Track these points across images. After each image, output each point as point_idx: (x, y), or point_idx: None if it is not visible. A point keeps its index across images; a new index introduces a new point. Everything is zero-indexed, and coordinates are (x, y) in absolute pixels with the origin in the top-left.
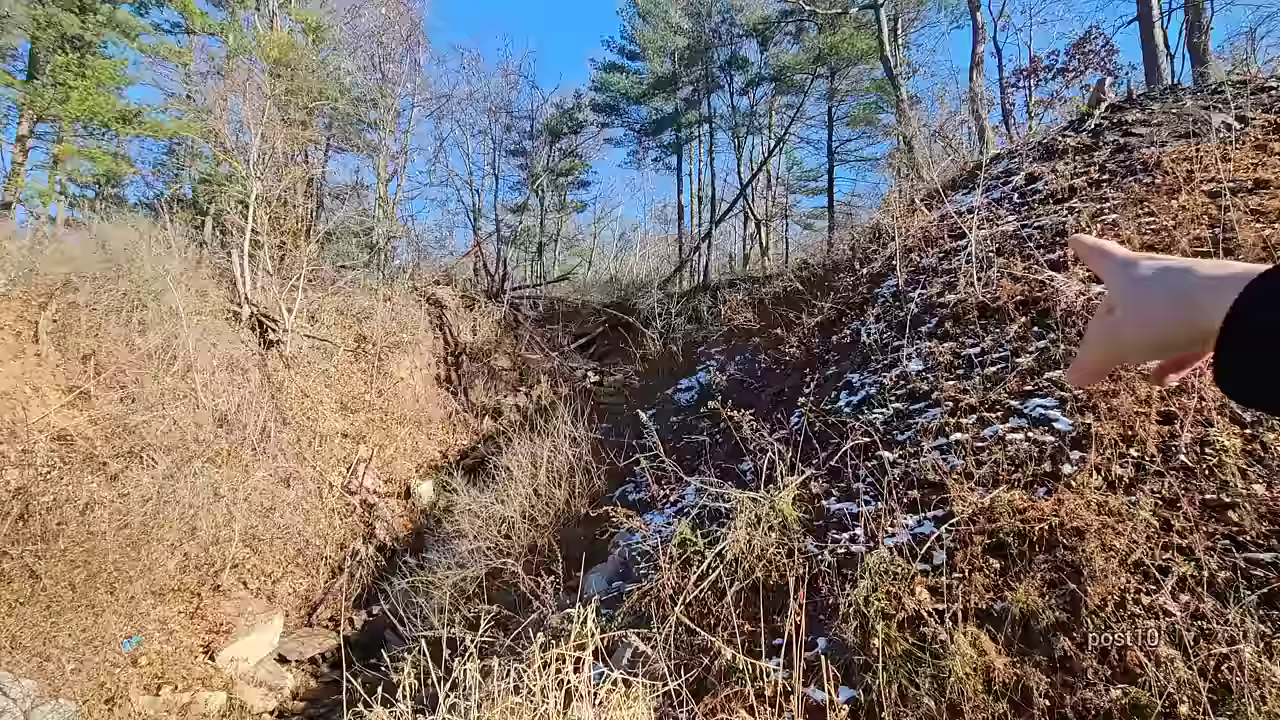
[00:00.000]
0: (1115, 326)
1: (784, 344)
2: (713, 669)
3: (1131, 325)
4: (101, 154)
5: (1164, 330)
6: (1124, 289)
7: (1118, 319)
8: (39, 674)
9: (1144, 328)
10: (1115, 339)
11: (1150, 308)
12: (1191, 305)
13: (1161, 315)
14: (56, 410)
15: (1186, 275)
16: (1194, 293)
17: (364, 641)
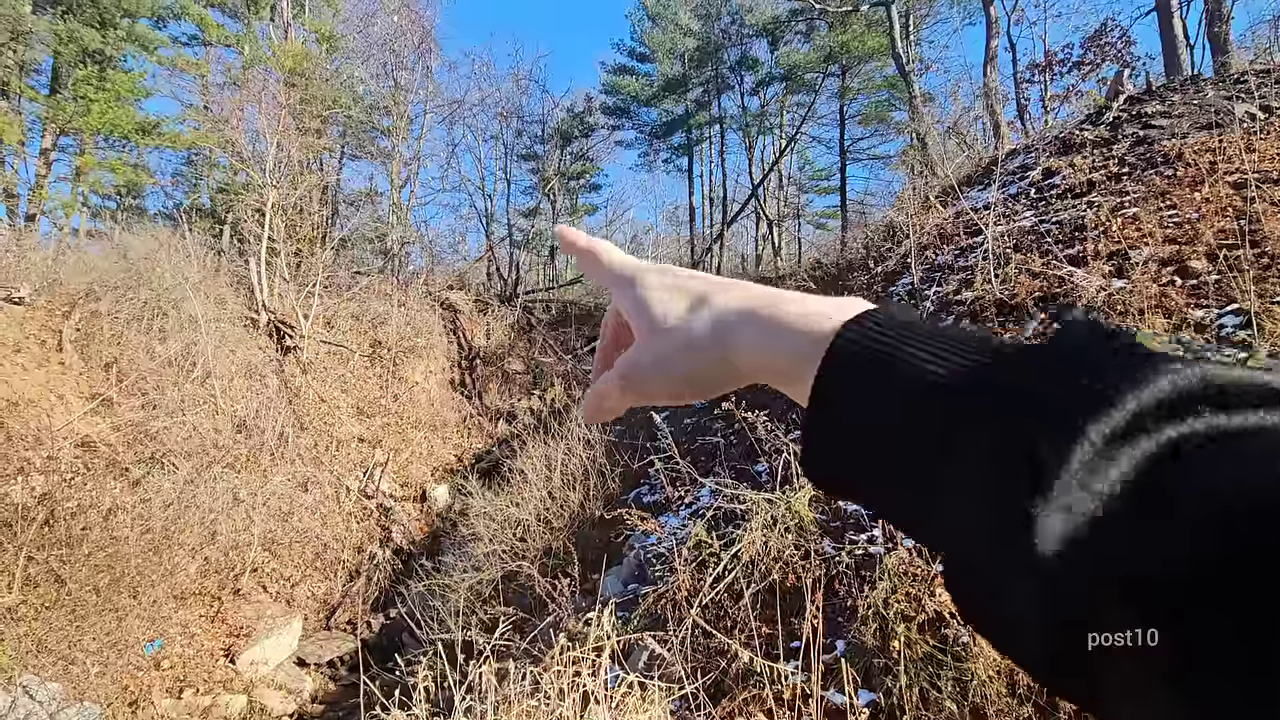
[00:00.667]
0: (644, 363)
1: None
2: (730, 672)
3: (663, 364)
4: (122, 165)
5: (699, 370)
6: (646, 317)
7: (647, 354)
8: (64, 677)
9: (678, 366)
10: (643, 377)
11: (682, 343)
12: (723, 343)
13: (697, 353)
14: (80, 417)
15: (710, 306)
16: (722, 328)
17: (381, 645)
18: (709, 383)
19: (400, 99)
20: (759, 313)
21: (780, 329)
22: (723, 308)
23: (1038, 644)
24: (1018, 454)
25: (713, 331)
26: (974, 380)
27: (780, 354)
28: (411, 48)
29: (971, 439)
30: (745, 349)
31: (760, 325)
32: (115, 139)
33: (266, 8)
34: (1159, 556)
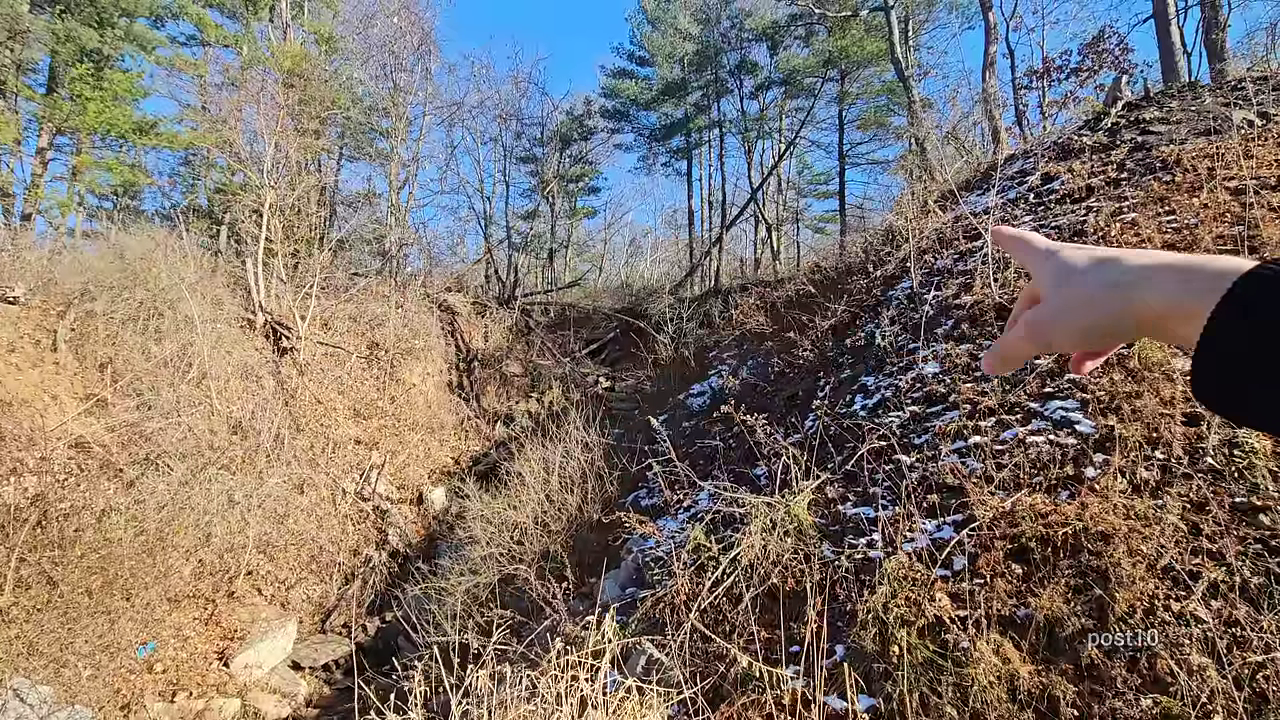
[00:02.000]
0: (1046, 314)
1: (797, 347)
2: (729, 676)
3: (1064, 313)
4: (119, 165)
5: (1097, 319)
6: (1054, 278)
7: (1051, 307)
8: (56, 680)
9: (1077, 316)
10: (1046, 325)
11: (1083, 296)
12: (1124, 295)
13: (1095, 304)
14: (74, 418)
15: (1117, 265)
16: (1127, 282)
17: (377, 648)
18: (1106, 331)
19: (399, 100)
20: (1173, 262)
21: (1191, 270)
22: (1130, 264)
23: None
24: None
25: (1116, 285)
26: None
27: (1195, 290)
28: (411, 49)
29: None
30: (1156, 294)
31: (1176, 270)
32: (112, 138)
33: (265, 8)
34: None
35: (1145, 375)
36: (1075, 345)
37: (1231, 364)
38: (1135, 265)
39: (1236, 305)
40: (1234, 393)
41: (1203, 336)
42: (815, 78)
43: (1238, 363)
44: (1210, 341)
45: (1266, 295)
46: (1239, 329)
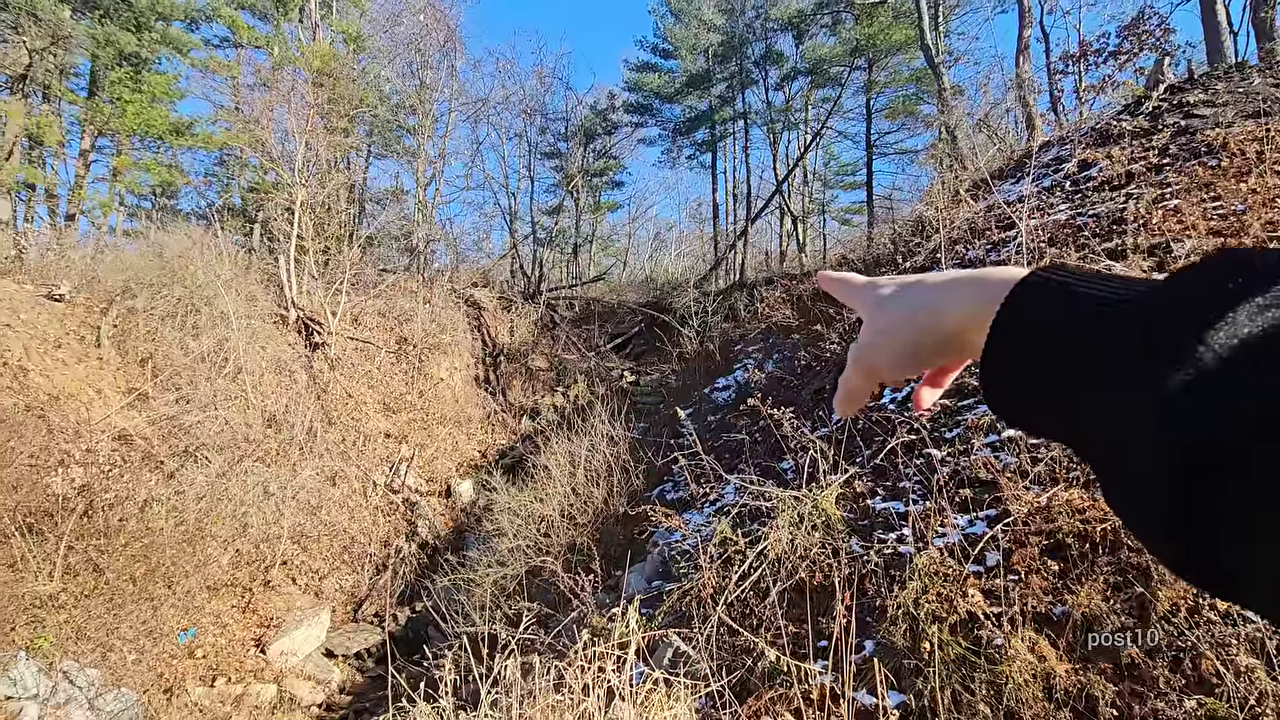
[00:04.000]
0: (865, 343)
1: (824, 340)
2: (756, 670)
3: (880, 338)
4: (157, 166)
5: (909, 339)
6: (869, 310)
7: (867, 336)
8: (102, 664)
9: (891, 339)
10: (867, 354)
11: (894, 319)
12: (929, 312)
13: (905, 325)
14: (117, 411)
15: (920, 284)
16: (929, 299)
17: (408, 637)
18: (921, 351)
19: (425, 98)
20: (970, 274)
21: (982, 280)
22: (932, 282)
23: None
24: (1159, 339)
25: (920, 304)
26: (1133, 296)
27: (985, 299)
28: (436, 47)
29: (1126, 332)
30: (955, 305)
31: (971, 282)
32: (150, 140)
33: (295, 9)
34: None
35: None
36: (899, 369)
37: (1003, 371)
38: (936, 282)
39: (1010, 313)
40: (1006, 399)
41: (985, 345)
42: (842, 67)
43: (1008, 370)
44: (989, 350)
45: (1033, 302)
46: (1008, 337)
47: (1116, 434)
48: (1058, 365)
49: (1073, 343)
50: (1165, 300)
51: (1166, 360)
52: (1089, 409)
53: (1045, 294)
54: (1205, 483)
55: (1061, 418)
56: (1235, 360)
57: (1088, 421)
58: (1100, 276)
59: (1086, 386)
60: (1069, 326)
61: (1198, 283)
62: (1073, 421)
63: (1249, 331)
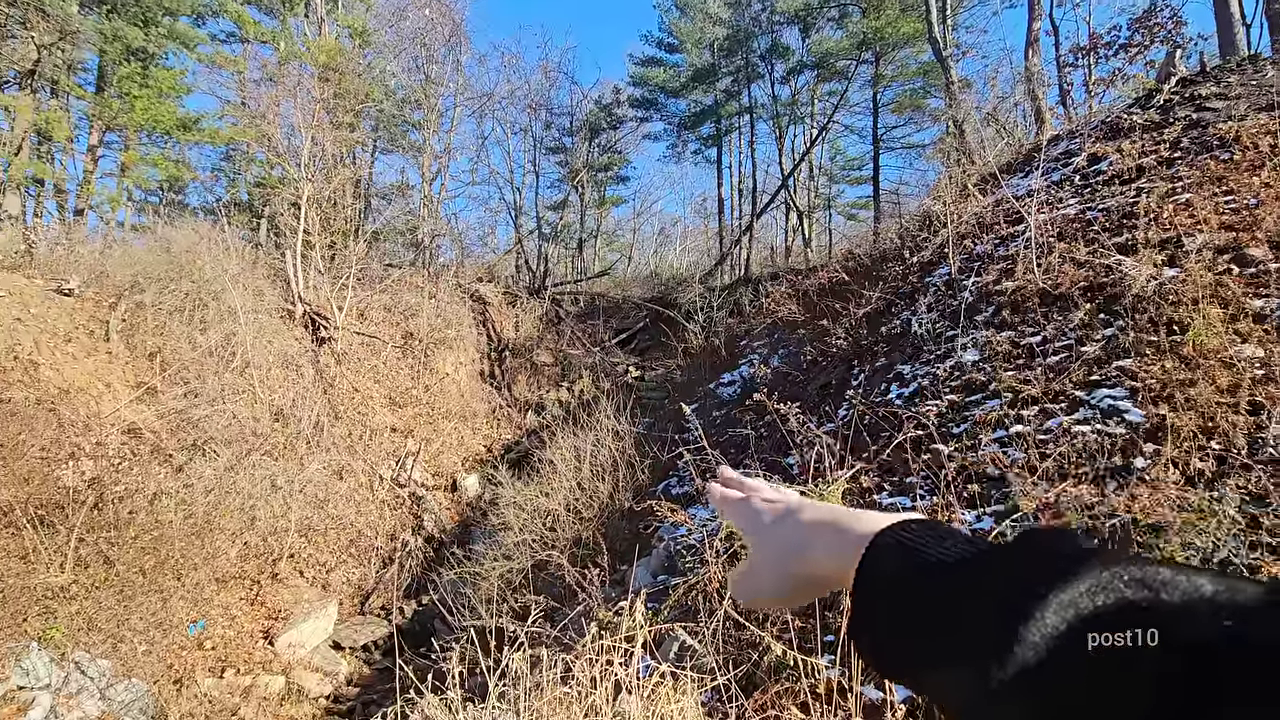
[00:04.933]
0: (748, 577)
1: (830, 336)
2: (762, 664)
3: (764, 575)
4: (164, 161)
5: (786, 582)
6: (751, 539)
7: (750, 570)
8: (113, 654)
9: (772, 580)
10: (751, 589)
11: (769, 562)
12: (799, 557)
13: (780, 569)
14: (126, 405)
15: (792, 522)
16: (798, 542)
17: (414, 630)
18: (805, 588)
19: (431, 92)
20: (835, 520)
21: (844, 531)
22: (802, 521)
23: None
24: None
25: (791, 546)
26: (965, 561)
27: (846, 555)
28: (442, 41)
29: (958, 603)
30: (822, 554)
31: (834, 531)
32: (158, 135)
33: (301, 4)
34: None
35: (1200, 363)
36: (781, 603)
37: (864, 622)
38: (808, 523)
39: (865, 571)
40: (870, 647)
41: (851, 602)
42: (849, 60)
43: (868, 621)
44: (854, 602)
45: (876, 564)
46: (866, 592)
47: (950, 692)
48: (905, 621)
49: (916, 603)
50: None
51: (990, 646)
52: (932, 665)
53: (891, 554)
54: None
55: (911, 667)
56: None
57: (930, 674)
58: (941, 535)
59: (927, 648)
60: (912, 587)
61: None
62: (919, 671)
63: (1052, 629)
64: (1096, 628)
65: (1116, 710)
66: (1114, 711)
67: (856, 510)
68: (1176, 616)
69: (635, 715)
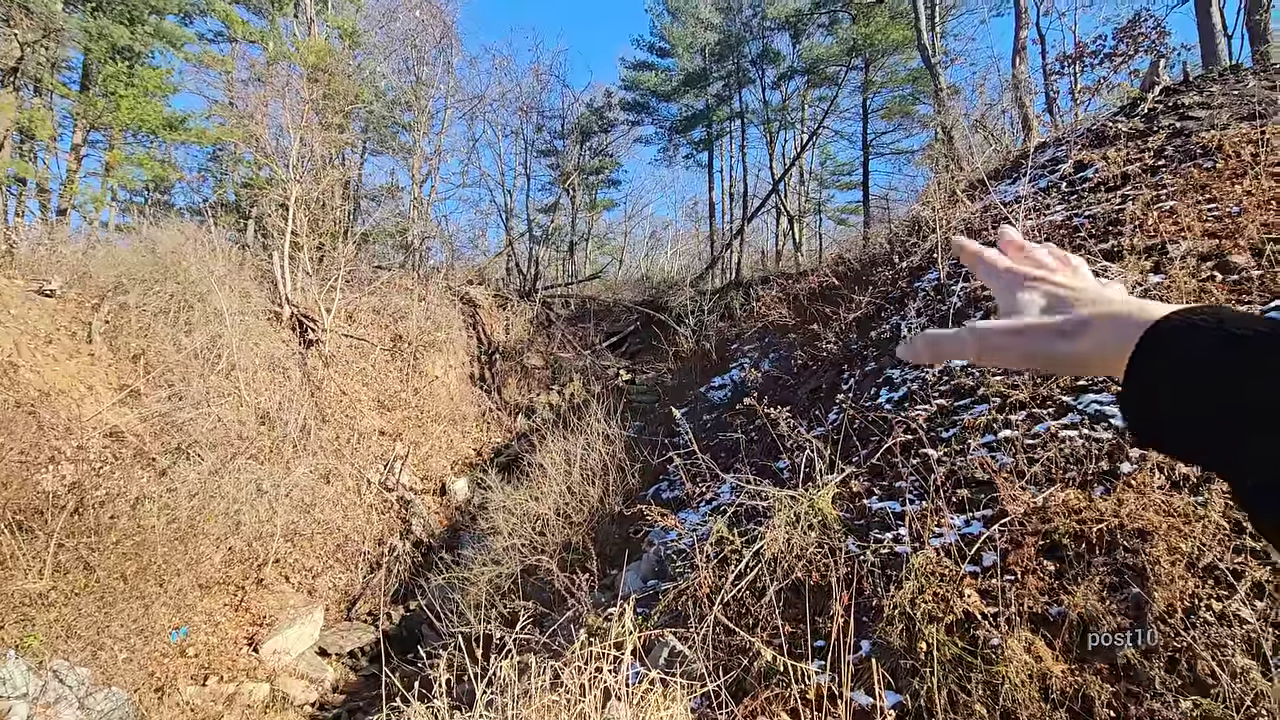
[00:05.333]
0: (997, 333)
1: (820, 340)
2: (752, 670)
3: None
4: (150, 160)
5: (1040, 354)
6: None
7: (1001, 329)
8: (93, 662)
9: (1022, 347)
10: (993, 343)
11: (1035, 337)
12: (1068, 341)
13: (1041, 342)
14: (109, 408)
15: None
16: (1070, 330)
17: (402, 636)
18: (1047, 365)
19: (421, 94)
20: (1114, 311)
21: (1124, 320)
22: (1079, 314)
23: None
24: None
25: (1061, 331)
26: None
27: (1123, 340)
28: (432, 43)
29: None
30: (1093, 343)
31: (1112, 320)
32: (143, 134)
33: (290, 4)
34: None
35: None
36: (1014, 365)
37: (1144, 403)
38: (1078, 316)
39: (1145, 353)
40: (1151, 426)
41: (1124, 380)
42: (839, 66)
43: (1148, 401)
44: (1127, 384)
45: (1164, 345)
46: (1146, 374)
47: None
48: (1199, 398)
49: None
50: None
51: None
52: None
53: (1177, 337)
54: None
55: (1212, 443)
56: None
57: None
58: (1230, 314)
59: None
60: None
61: None
62: (1224, 445)
63: None
64: None
65: None
66: None
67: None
68: None
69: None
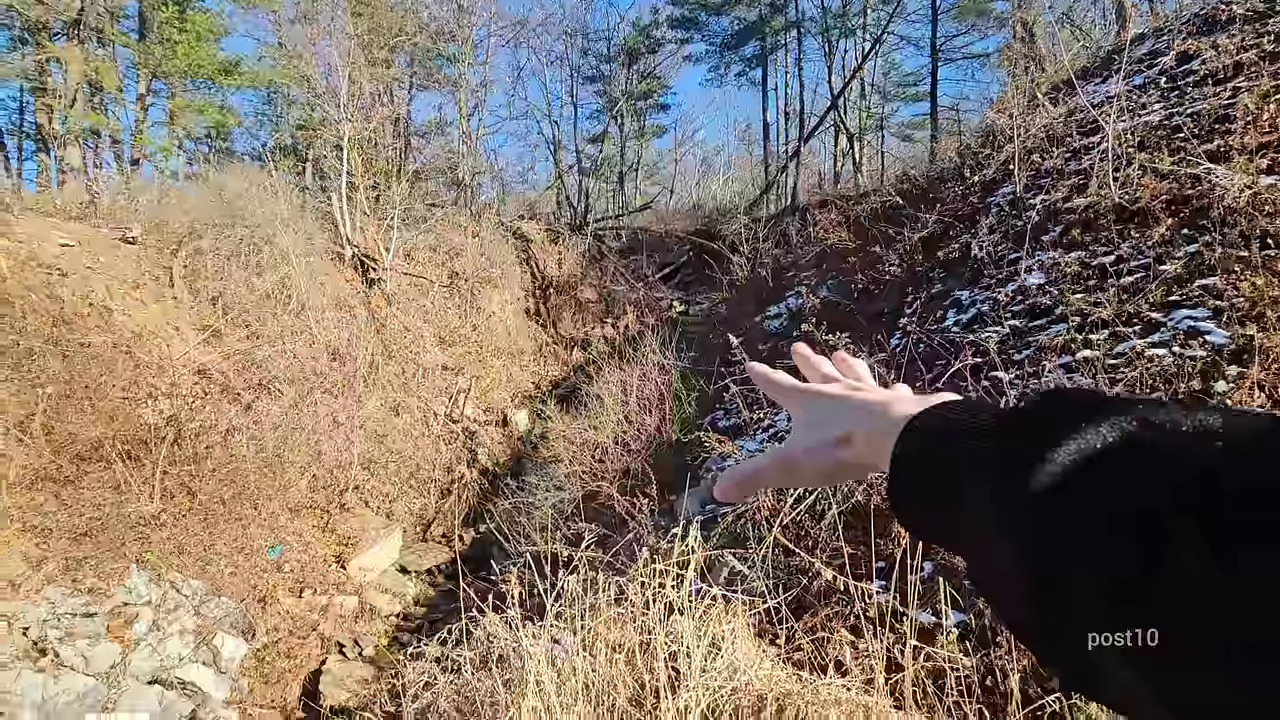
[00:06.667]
0: (792, 463)
1: (883, 263)
2: (811, 589)
3: (806, 463)
4: (210, 107)
5: (828, 469)
6: (794, 425)
7: (795, 457)
8: (203, 575)
9: (813, 466)
10: (791, 472)
11: (817, 450)
12: (838, 449)
13: (826, 457)
14: (195, 347)
15: (839, 420)
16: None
17: (474, 556)
18: (840, 474)
19: (464, 23)
20: (874, 404)
21: (884, 426)
22: (850, 404)
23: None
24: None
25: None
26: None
27: (884, 432)
28: None
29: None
30: (860, 445)
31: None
32: (201, 81)
33: None
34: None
35: None
36: (813, 484)
37: (897, 501)
38: (849, 422)
39: (895, 463)
40: (906, 519)
41: (888, 484)
42: None
43: (901, 499)
44: (890, 486)
45: (904, 450)
46: (895, 479)
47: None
48: (926, 485)
49: (951, 464)
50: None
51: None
52: (966, 520)
53: (921, 433)
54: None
55: (948, 528)
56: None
57: (966, 531)
58: (974, 409)
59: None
60: (948, 451)
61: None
62: (957, 532)
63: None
64: (1100, 463)
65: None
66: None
67: (905, 395)
68: (1180, 449)
69: (688, 634)
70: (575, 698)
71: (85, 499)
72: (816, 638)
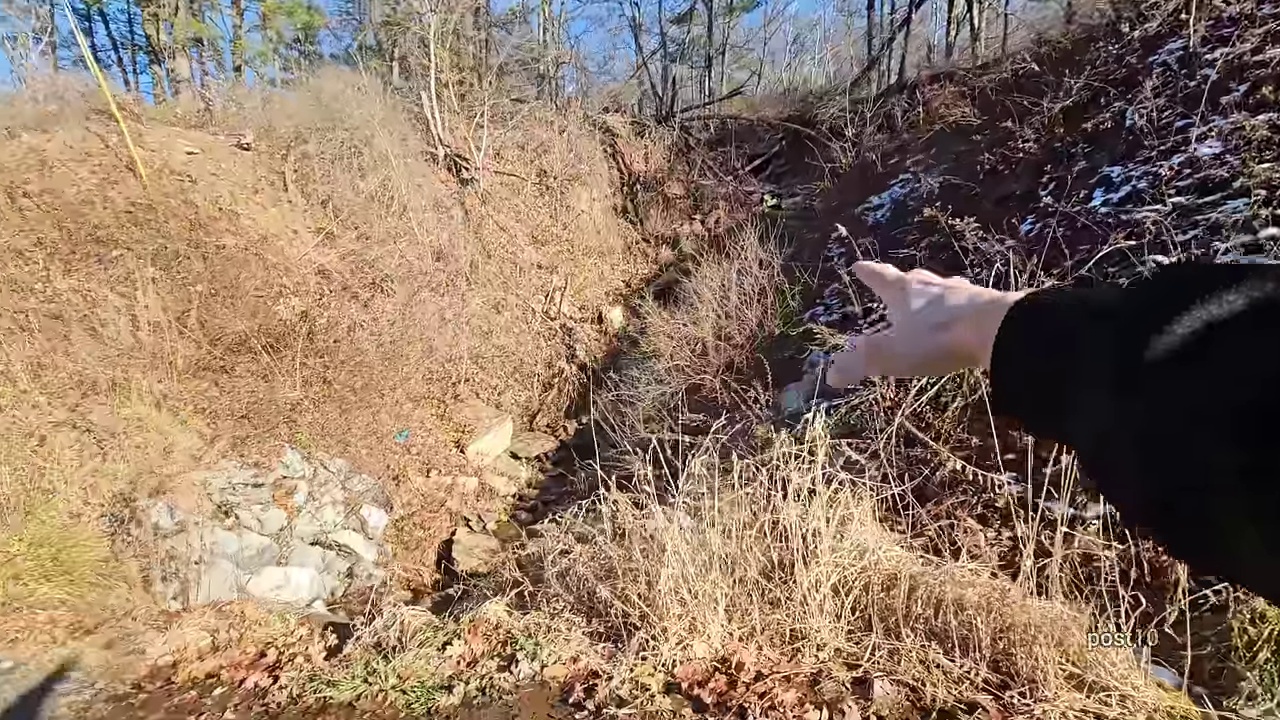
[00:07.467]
0: (885, 345)
1: (1014, 139)
2: (934, 479)
3: (898, 347)
4: (299, 7)
5: (924, 355)
6: (894, 312)
7: (889, 339)
8: (344, 455)
9: (907, 351)
10: (883, 356)
11: (913, 336)
12: (944, 335)
13: (921, 342)
14: (313, 248)
15: (941, 305)
16: (943, 323)
17: (579, 445)
18: (934, 365)
19: None
20: (977, 303)
21: (986, 310)
22: (949, 305)
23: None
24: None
25: (937, 326)
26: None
27: (986, 330)
28: None
29: (1101, 339)
30: (962, 334)
31: (977, 312)
32: None
33: None
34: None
35: None
36: (909, 374)
37: (1002, 386)
38: (951, 306)
39: (1000, 344)
40: (1010, 406)
41: (990, 366)
42: None
43: (1005, 384)
44: (993, 369)
45: (1010, 330)
46: (999, 361)
47: (1100, 427)
48: (1053, 374)
49: (1065, 353)
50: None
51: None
52: (1080, 406)
53: (1038, 312)
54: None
55: (1058, 418)
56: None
57: (1080, 417)
58: (1083, 293)
59: (1076, 389)
60: (1064, 321)
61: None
62: (1063, 421)
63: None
64: (1232, 327)
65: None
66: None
67: (985, 292)
68: None
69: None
70: (707, 568)
71: (240, 386)
72: (941, 525)
